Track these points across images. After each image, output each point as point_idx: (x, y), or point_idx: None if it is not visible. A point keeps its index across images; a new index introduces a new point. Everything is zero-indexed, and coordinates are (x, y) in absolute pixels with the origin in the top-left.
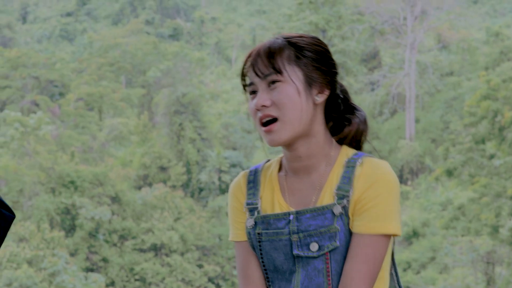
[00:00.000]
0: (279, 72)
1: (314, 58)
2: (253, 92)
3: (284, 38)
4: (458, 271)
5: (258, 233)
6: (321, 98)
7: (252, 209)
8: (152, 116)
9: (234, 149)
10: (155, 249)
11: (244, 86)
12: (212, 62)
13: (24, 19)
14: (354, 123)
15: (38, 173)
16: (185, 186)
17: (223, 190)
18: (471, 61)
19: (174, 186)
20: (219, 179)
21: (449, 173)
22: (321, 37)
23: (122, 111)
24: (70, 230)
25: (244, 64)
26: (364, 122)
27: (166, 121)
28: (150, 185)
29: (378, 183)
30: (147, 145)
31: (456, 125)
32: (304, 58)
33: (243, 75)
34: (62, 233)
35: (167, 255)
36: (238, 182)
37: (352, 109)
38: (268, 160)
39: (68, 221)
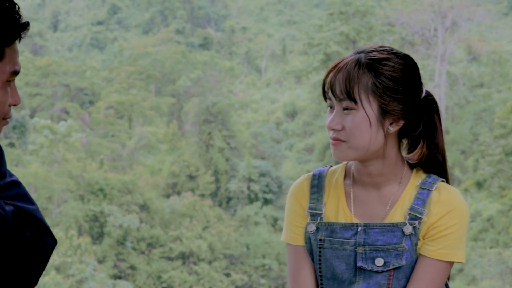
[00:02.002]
0: (354, 100)
1: (393, 88)
2: (331, 106)
3: (367, 58)
4: (486, 283)
5: (320, 239)
6: (394, 128)
7: (314, 215)
8: (181, 125)
9: (263, 158)
10: (183, 257)
11: (325, 96)
12: (242, 72)
13: (55, 27)
14: (425, 147)
15: (67, 180)
16: (214, 195)
17: (252, 200)
18: (501, 73)
19: (202, 195)
20: (248, 188)
21: (479, 185)
22: (351, 48)
23: (152, 120)
24: (98, 237)
25: (325, 77)
26: (437, 147)
27: (195, 130)
28: (178, 193)
29: (455, 212)
30: (176, 153)
31: (485, 137)
32: (381, 88)
33: (324, 85)
34: (90, 240)
35: (194, 263)
36: (301, 185)
37: (433, 131)
38: (332, 165)
39: (96, 229)
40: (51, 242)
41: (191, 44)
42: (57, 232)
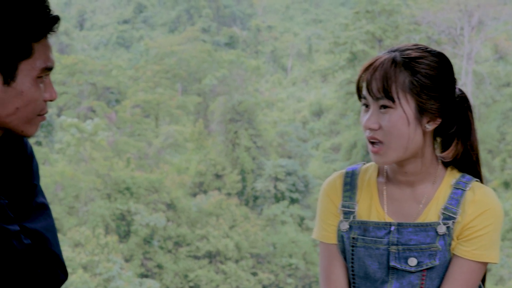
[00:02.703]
0: (391, 99)
1: (430, 86)
2: (366, 105)
3: (402, 57)
4: None
5: (353, 238)
6: (431, 127)
7: (347, 213)
8: (207, 124)
9: (290, 157)
10: (210, 256)
11: (359, 95)
12: (268, 71)
13: (81, 26)
14: (460, 145)
15: (94, 179)
16: (240, 194)
17: (278, 199)
18: None
19: (229, 194)
20: (275, 187)
21: (506, 184)
22: (377, 47)
23: (178, 119)
24: (125, 236)
25: (360, 76)
26: (472, 146)
27: (222, 129)
28: (205, 192)
29: (489, 213)
30: (202, 152)
31: None
32: (418, 86)
33: (358, 84)
34: (117, 238)
35: (221, 262)
36: (334, 182)
37: (467, 129)
38: (364, 163)
39: (123, 227)
40: (62, 278)
41: (217, 43)
42: (84, 230)
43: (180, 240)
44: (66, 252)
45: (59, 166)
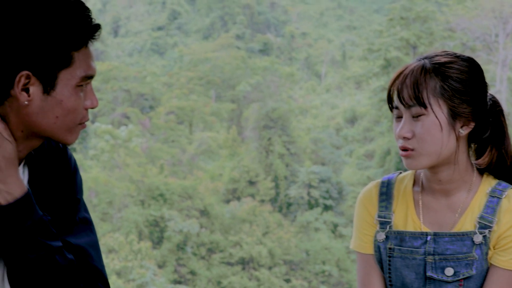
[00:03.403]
0: (423, 105)
1: (461, 90)
2: (398, 116)
3: (432, 63)
4: None
5: (390, 248)
6: (465, 131)
7: (383, 223)
8: (241, 131)
9: (323, 164)
10: (243, 262)
11: (390, 106)
12: (302, 77)
13: (115, 33)
14: (494, 151)
15: (127, 185)
16: (273, 200)
17: (312, 206)
18: None
19: (262, 201)
20: (308, 194)
21: None
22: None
23: (212, 125)
24: (159, 242)
25: (390, 85)
26: (506, 151)
27: (255, 136)
28: (238, 199)
29: None
30: (236, 159)
31: None
32: (450, 91)
33: (389, 94)
34: (150, 245)
35: (254, 269)
36: (369, 192)
37: (501, 134)
38: (400, 172)
39: (156, 233)
40: None
41: (251, 50)
42: (117, 237)
43: (213, 247)
44: None
45: (93, 172)
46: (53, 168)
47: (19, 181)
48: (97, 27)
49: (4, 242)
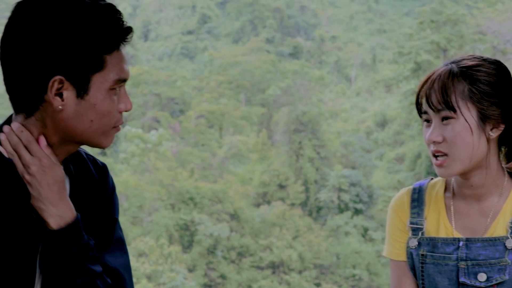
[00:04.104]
0: (452, 109)
1: (490, 93)
2: (427, 120)
3: (459, 67)
4: None
5: (422, 255)
6: (495, 134)
7: (415, 229)
8: (271, 134)
9: (353, 168)
10: (273, 266)
11: (419, 111)
12: (332, 81)
13: (146, 37)
14: None
15: (158, 189)
16: (304, 204)
17: (342, 209)
18: None
19: (292, 204)
20: (338, 198)
21: None
22: (441, 57)
23: (242, 129)
24: (189, 246)
25: (419, 91)
26: None
27: (285, 140)
28: (268, 202)
29: None
30: (266, 163)
31: None
32: (478, 94)
33: (417, 99)
34: (181, 248)
35: (285, 273)
36: (401, 199)
37: None
38: (432, 178)
39: (186, 237)
40: None
41: (281, 53)
42: (148, 240)
43: (243, 251)
44: (131, 262)
45: (124, 176)
46: (93, 185)
47: (70, 205)
48: (129, 30)
49: (50, 267)
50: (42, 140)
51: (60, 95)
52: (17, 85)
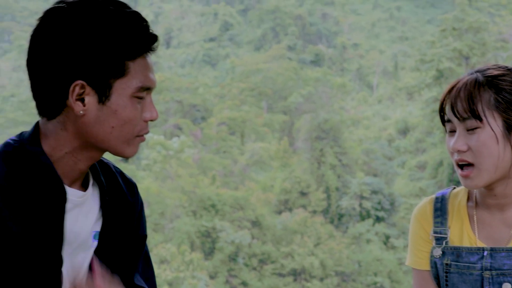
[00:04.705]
0: (478, 118)
1: None
2: (451, 130)
3: (484, 76)
4: None
5: (447, 264)
6: None
7: (439, 238)
8: (292, 141)
9: (375, 175)
10: (295, 273)
11: (442, 120)
12: (353, 88)
13: (168, 44)
14: None
15: (179, 195)
16: (325, 211)
17: (364, 217)
18: None
19: (314, 212)
20: (360, 205)
21: None
22: (464, 64)
23: (264, 136)
24: (210, 253)
25: (443, 100)
26: None
27: (307, 147)
28: (290, 210)
29: None
30: (287, 170)
31: None
32: (504, 103)
33: (441, 108)
34: (202, 255)
35: (306, 280)
36: (424, 208)
37: None
38: (454, 187)
39: (208, 244)
40: None
41: (303, 61)
42: (169, 247)
43: (265, 258)
44: None
45: (146, 183)
46: (123, 199)
47: None
48: (153, 38)
49: None
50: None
51: (81, 100)
52: (41, 89)
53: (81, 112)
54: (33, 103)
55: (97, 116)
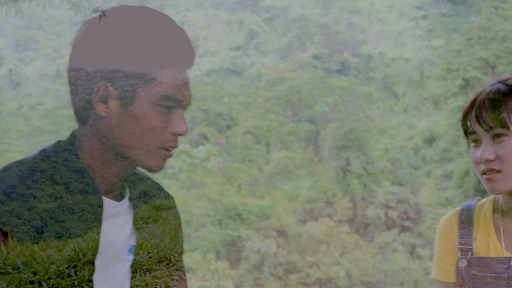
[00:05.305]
0: (505, 126)
1: None
2: (475, 141)
3: (507, 85)
4: None
5: (473, 275)
6: None
7: (465, 250)
8: (318, 150)
9: (401, 185)
10: (320, 283)
11: (465, 131)
12: (379, 97)
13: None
14: None
15: (205, 204)
16: (351, 221)
17: (390, 226)
18: None
19: (340, 221)
20: (386, 214)
21: None
22: (490, 73)
23: (289, 145)
24: (236, 262)
25: (466, 111)
26: None
27: (333, 156)
28: (315, 219)
29: None
30: (313, 179)
31: None
32: None
33: (464, 120)
34: (228, 264)
35: None
36: (449, 220)
37: None
38: (479, 199)
39: (233, 253)
40: None
41: (329, 69)
42: (195, 256)
43: (290, 267)
44: None
45: (171, 191)
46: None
47: None
48: (193, 52)
49: None
50: None
51: (105, 102)
52: (78, 95)
53: (103, 113)
54: (59, 112)
55: (119, 120)
